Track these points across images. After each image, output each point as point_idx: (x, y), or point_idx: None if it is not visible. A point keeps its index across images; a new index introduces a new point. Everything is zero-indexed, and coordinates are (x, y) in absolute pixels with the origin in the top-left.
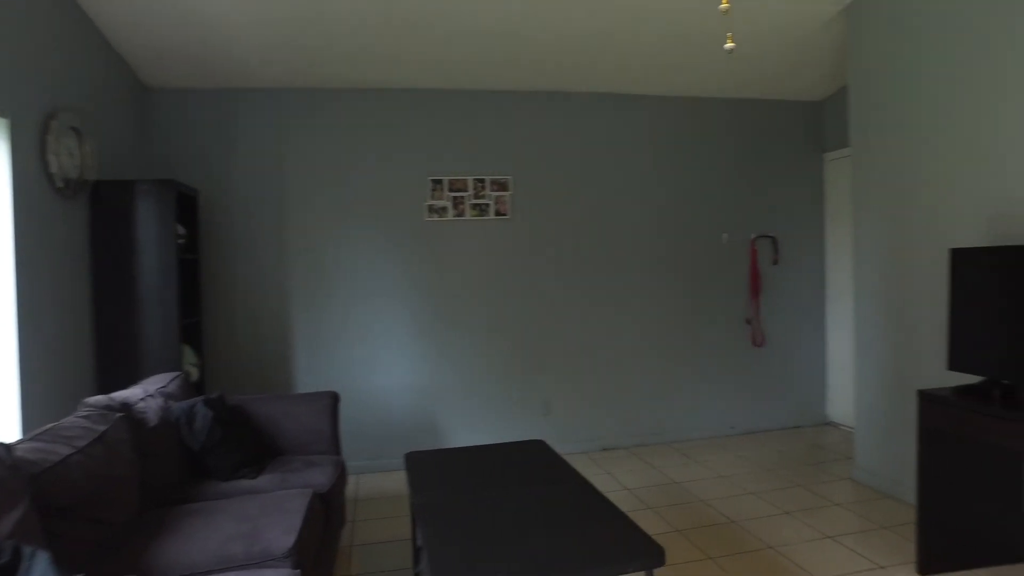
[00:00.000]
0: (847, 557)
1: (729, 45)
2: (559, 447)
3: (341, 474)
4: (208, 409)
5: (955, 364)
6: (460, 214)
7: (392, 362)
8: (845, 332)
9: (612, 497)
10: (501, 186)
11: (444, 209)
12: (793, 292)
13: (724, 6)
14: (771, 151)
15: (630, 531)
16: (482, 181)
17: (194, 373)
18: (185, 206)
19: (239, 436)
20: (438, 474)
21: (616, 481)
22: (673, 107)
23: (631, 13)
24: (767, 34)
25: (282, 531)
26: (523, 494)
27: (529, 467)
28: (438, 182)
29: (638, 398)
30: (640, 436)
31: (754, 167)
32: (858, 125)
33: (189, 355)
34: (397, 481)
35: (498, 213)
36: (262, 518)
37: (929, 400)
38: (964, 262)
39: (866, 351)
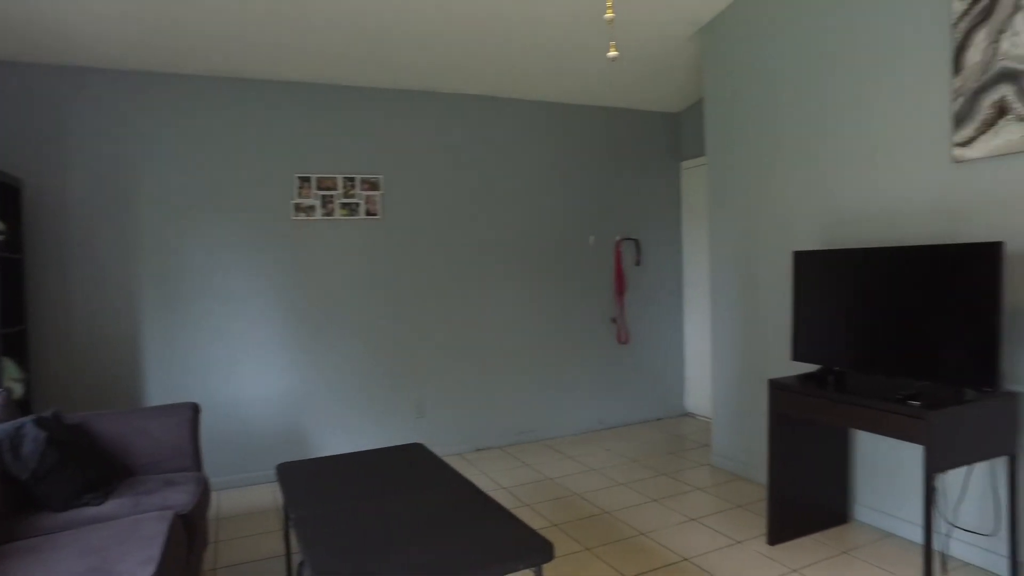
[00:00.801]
0: (709, 536)
1: (612, 54)
2: (434, 449)
3: (204, 492)
4: (40, 430)
5: (798, 355)
6: (329, 213)
7: (257, 369)
8: (702, 328)
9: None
10: (372, 185)
11: (312, 208)
12: (654, 291)
13: (609, 15)
14: (634, 158)
15: (518, 529)
16: (352, 180)
17: (18, 390)
18: (5, 198)
19: (80, 458)
20: (315, 485)
21: (492, 480)
22: (544, 112)
23: (506, 19)
24: (631, 49)
25: (138, 562)
26: (407, 499)
27: (410, 471)
28: (306, 179)
29: (510, 397)
30: (512, 435)
31: (619, 173)
32: (712, 136)
33: (11, 369)
34: (263, 495)
35: (369, 213)
36: (113, 549)
37: (777, 388)
38: (804, 263)
39: (721, 346)
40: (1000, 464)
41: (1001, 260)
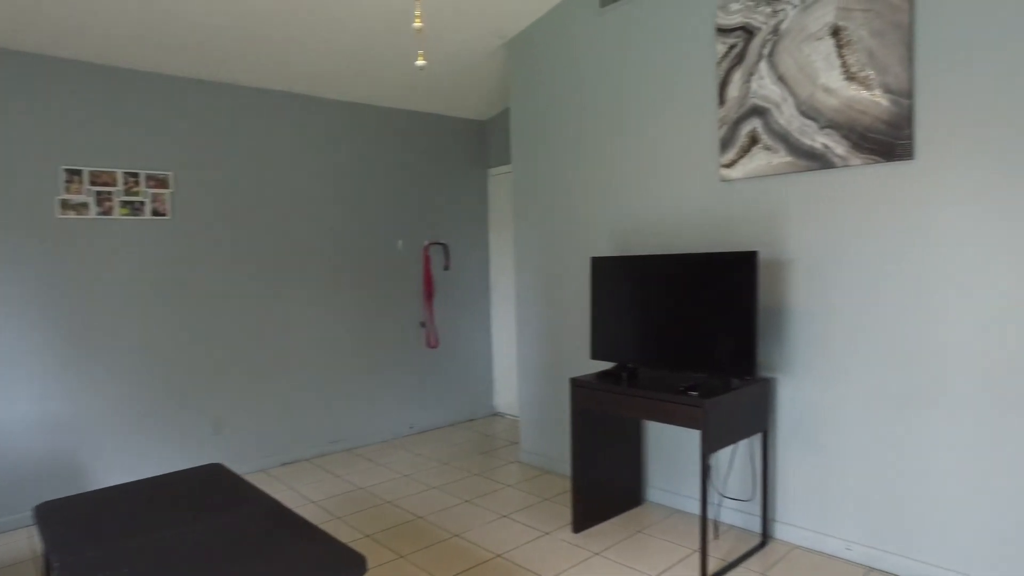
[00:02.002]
0: (519, 530)
1: (420, 63)
2: (235, 468)
3: None
4: None
5: (596, 354)
6: (106, 212)
7: (14, 392)
8: (509, 330)
9: (299, 512)
10: (160, 182)
11: (84, 206)
12: (463, 295)
13: (417, 24)
14: (443, 163)
15: (327, 545)
16: (136, 176)
17: None
18: None
19: None
20: (87, 523)
21: (300, 495)
22: (353, 113)
23: (315, 17)
24: (441, 57)
25: None
26: (204, 526)
27: (207, 495)
28: (76, 173)
29: (316, 407)
30: (321, 446)
31: (428, 177)
32: (517, 146)
33: None
34: (17, 543)
35: (156, 213)
36: None
37: (578, 385)
38: (600, 268)
39: (526, 347)
40: (756, 440)
41: (756, 267)
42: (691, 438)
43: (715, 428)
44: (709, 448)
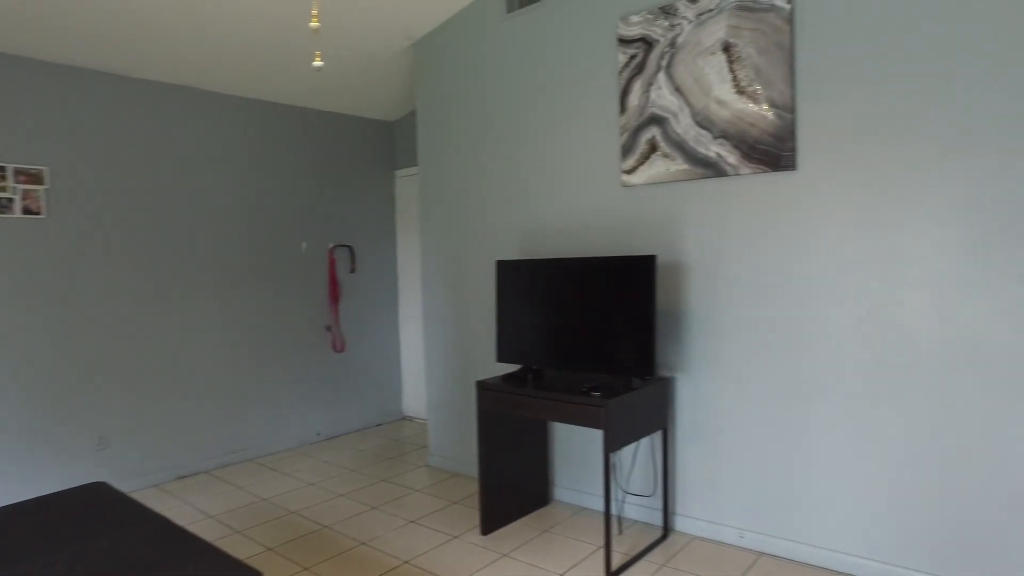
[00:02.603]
0: (428, 535)
1: (317, 63)
2: (124, 485)
3: None
4: None
5: (502, 356)
6: None
7: None
8: (417, 333)
9: (195, 529)
10: (32, 177)
11: None
12: (370, 298)
13: (314, 24)
14: (349, 164)
15: (221, 563)
16: (3, 170)
17: None
18: None
19: None
20: None
21: (197, 510)
22: (256, 110)
23: (220, 10)
24: (345, 55)
25: None
26: (83, 551)
27: (88, 517)
28: None
29: (215, 416)
30: (220, 456)
31: (333, 178)
32: (424, 148)
33: None
34: None
35: (28, 211)
36: None
37: (484, 388)
38: (505, 271)
39: (433, 350)
40: (657, 437)
41: (654, 271)
42: (596, 437)
43: (616, 427)
44: (611, 447)
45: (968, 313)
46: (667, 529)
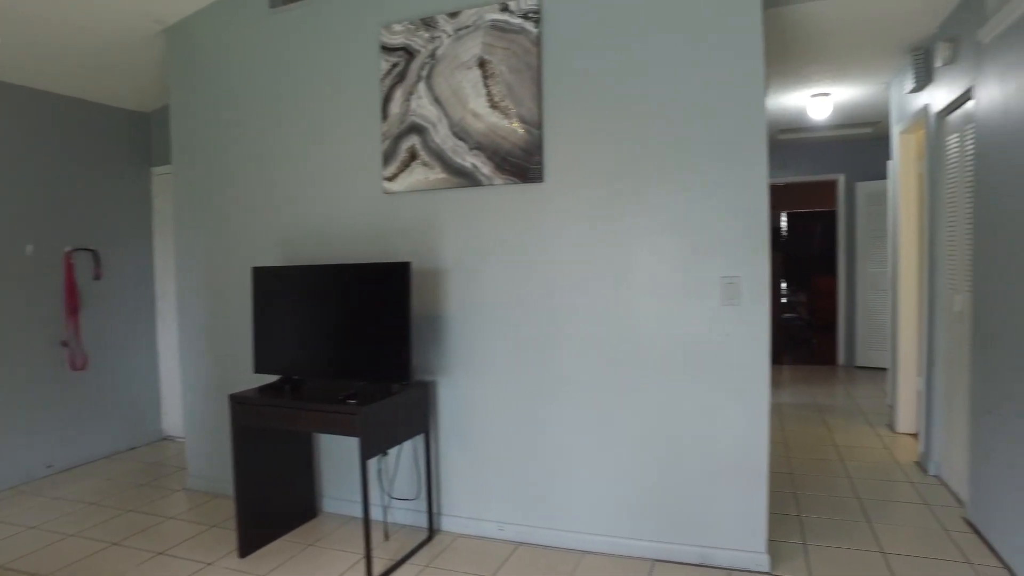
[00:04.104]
0: (178, 567)
1: None
2: None
3: None
4: None
5: (260, 367)
6: None
7: None
8: (176, 345)
9: None
10: None
11: None
12: (121, 308)
13: None
14: (93, 157)
15: None
16: None
17: None
18: None
19: None
20: None
21: None
22: None
23: None
24: (92, 33)
25: None
26: None
27: None
28: None
29: None
30: None
31: (72, 172)
32: (178, 144)
33: None
34: None
35: None
36: None
37: (237, 402)
38: (262, 278)
39: (190, 362)
40: (420, 440)
41: (409, 277)
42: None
43: (372, 434)
44: (367, 453)
45: (681, 314)
46: (432, 530)
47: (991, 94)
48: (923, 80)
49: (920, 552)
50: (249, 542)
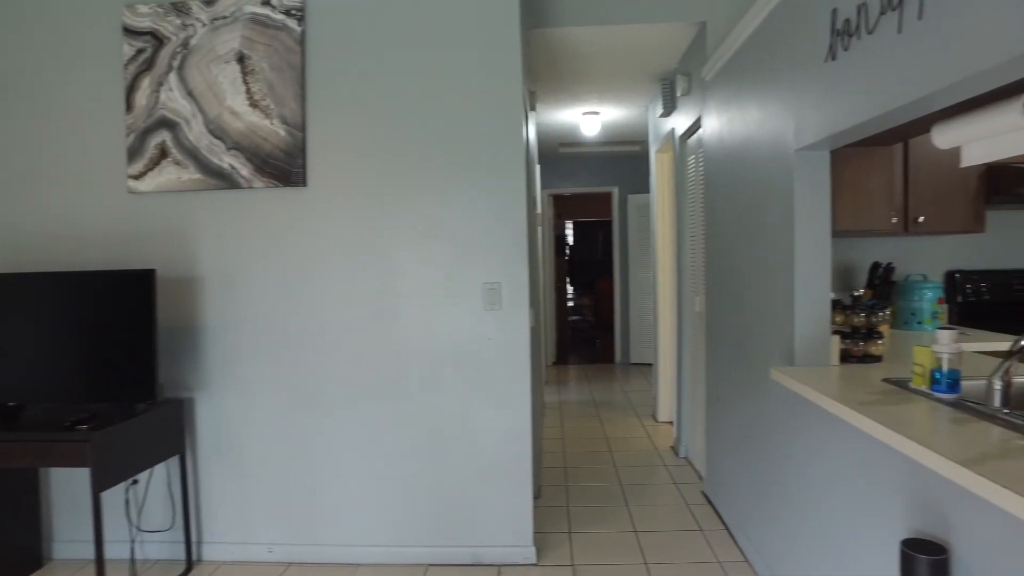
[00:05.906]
0: None
1: None
2: None
3: None
4: None
5: None
6: None
7: None
8: None
9: None
10: None
11: None
12: None
13: None
14: None
15: None
16: None
17: None
18: None
19: None
20: None
21: None
22: None
23: None
24: None
25: None
26: None
27: None
28: None
29: None
30: None
31: None
32: None
33: None
34: None
35: None
36: None
37: None
38: None
39: None
40: (174, 464)
41: (154, 285)
42: None
43: (108, 462)
44: (101, 485)
45: (446, 320)
46: (191, 561)
47: (712, 124)
48: (669, 107)
49: (665, 527)
50: None
